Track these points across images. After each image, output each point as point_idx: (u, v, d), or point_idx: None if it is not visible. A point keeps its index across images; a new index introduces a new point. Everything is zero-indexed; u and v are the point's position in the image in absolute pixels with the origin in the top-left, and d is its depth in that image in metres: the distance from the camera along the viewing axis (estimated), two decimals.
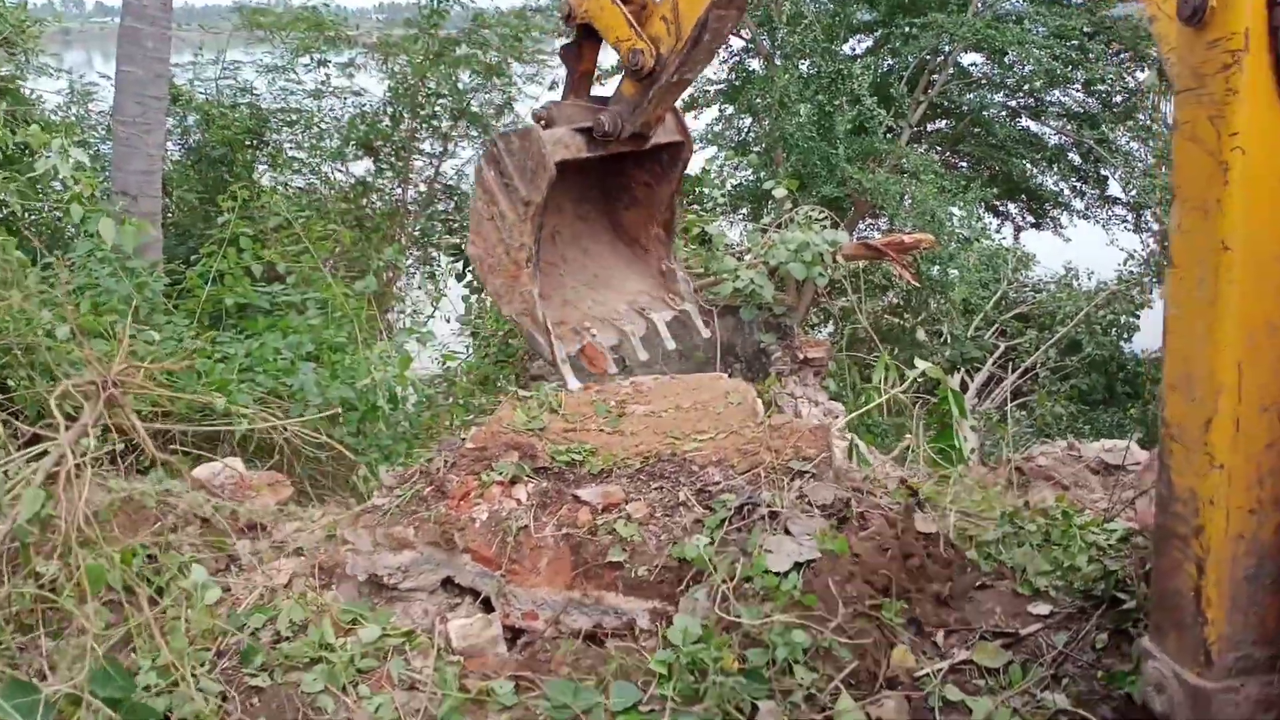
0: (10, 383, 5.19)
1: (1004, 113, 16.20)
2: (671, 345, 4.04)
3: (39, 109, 11.68)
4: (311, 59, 13.66)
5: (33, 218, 9.11)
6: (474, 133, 13.90)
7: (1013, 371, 14.24)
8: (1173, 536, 2.27)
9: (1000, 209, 17.45)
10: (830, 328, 14.78)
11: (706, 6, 3.49)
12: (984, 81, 16.29)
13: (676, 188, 4.25)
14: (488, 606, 3.52)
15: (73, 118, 12.57)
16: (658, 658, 3.00)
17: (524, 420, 4.19)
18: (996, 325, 14.79)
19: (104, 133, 12.06)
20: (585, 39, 3.97)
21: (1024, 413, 13.90)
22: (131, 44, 8.66)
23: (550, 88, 15.05)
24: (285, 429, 4.97)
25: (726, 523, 3.45)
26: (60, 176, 6.27)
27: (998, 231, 17.22)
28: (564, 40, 4.22)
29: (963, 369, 14.07)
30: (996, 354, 14.37)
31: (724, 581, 3.19)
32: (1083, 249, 16.97)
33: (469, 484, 3.73)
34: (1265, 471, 2.15)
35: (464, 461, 3.83)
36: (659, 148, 4.08)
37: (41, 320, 5.54)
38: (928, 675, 3.00)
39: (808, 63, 14.13)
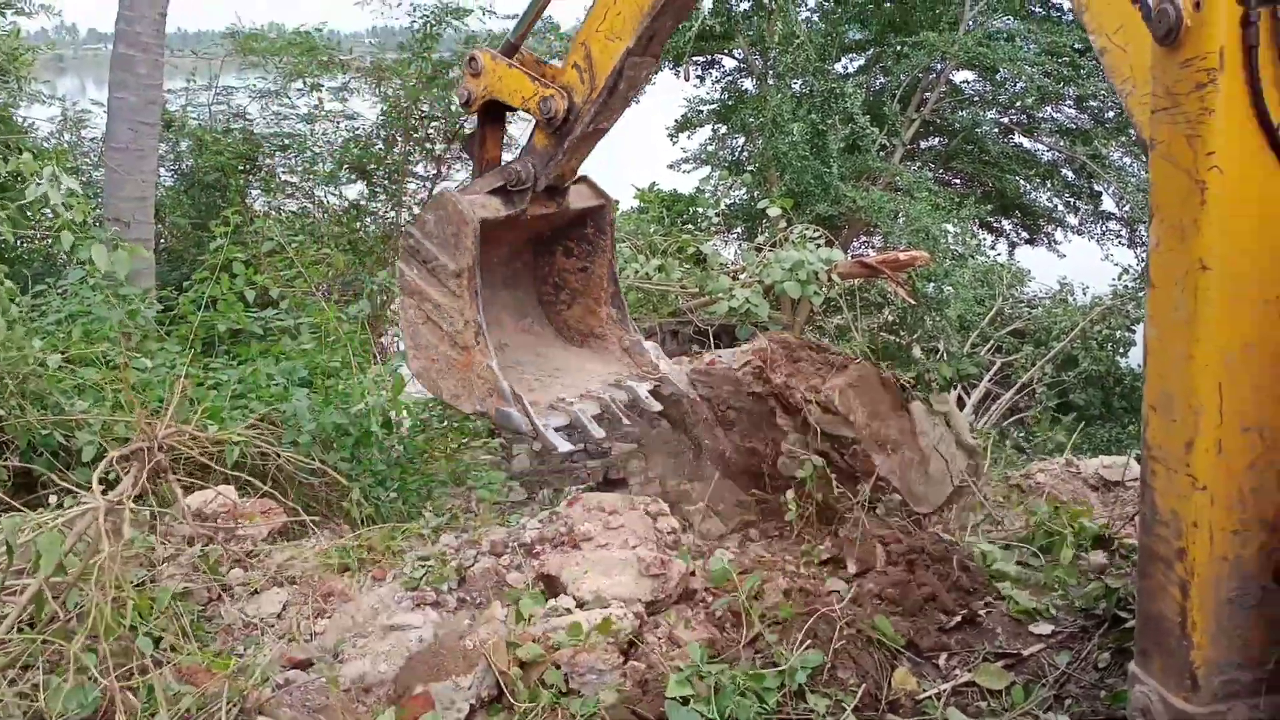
0: (1, 411, 5.17)
1: (996, 130, 16.28)
2: (656, 407, 3.87)
3: (31, 136, 11.71)
4: (304, 83, 13.71)
5: (24, 246, 9.11)
6: (466, 155, 13.91)
7: (1009, 388, 14.24)
8: (1156, 559, 2.25)
9: (994, 225, 17.51)
10: None
11: (621, 54, 3.36)
12: (976, 99, 16.37)
13: (611, 256, 4.01)
14: None
15: (65, 145, 12.60)
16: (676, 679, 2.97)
17: None
18: (992, 342, 14.79)
19: (96, 159, 12.08)
20: (489, 124, 3.83)
21: (1021, 432, 13.89)
22: (124, 70, 8.69)
23: None
24: (278, 455, 4.96)
25: None
26: (52, 204, 6.27)
27: (992, 248, 17.28)
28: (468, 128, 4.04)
29: (959, 386, 14.05)
30: (993, 370, 14.37)
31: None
32: (1077, 264, 17.00)
33: None
34: (1247, 492, 2.13)
35: None
36: (581, 218, 3.89)
37: (33, 349, 5.54)
38: (930, 698, 2.99)
39: (800, 82, 14.21)
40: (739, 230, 16.07)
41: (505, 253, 3.80)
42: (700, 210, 13.82)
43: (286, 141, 13.67)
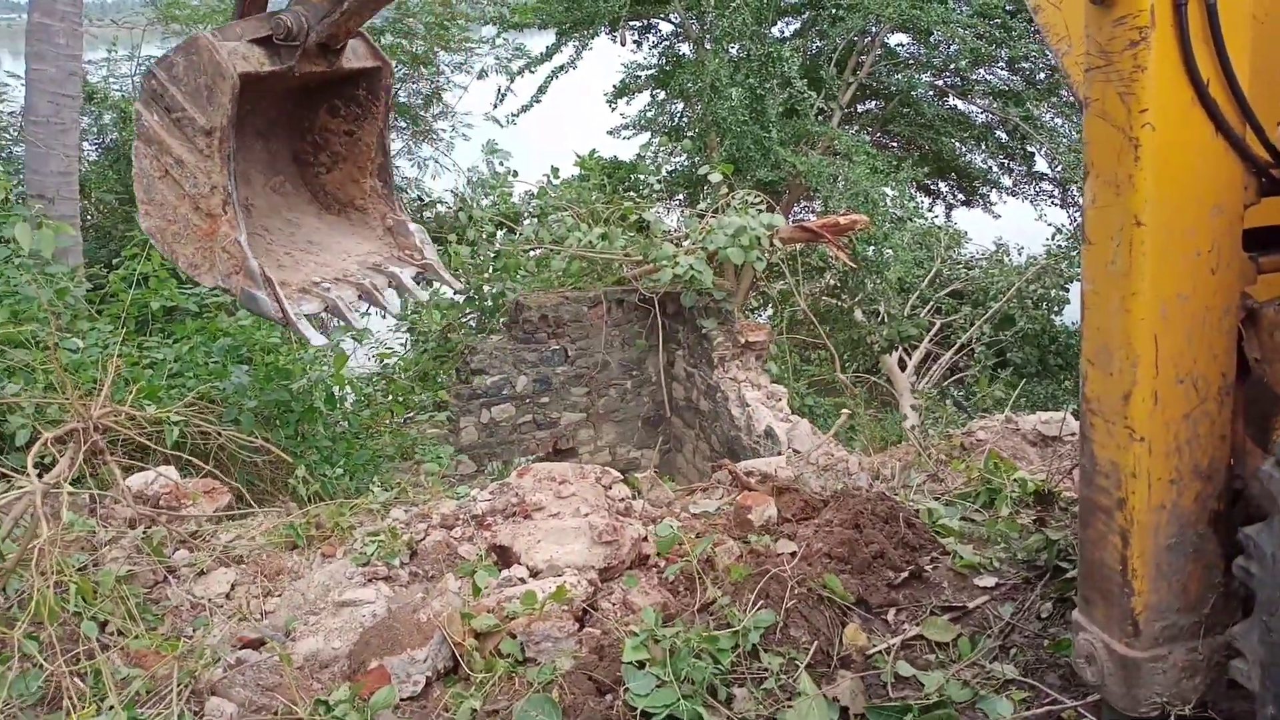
0: None
1: (931, 92, 16.40)
2: (423, 296, 3.70)
3: None
4: None
5: None
6: (402, 124, 13.68)
7: (949, 348, 14.50)
8: (1097, 509, 2.31)
9: (931, 188, 17.70)
10: (769, 311, 14.90)
11: None
12: (911, 62, 16.46)
13: (384, 124, 3.66)
14: None
15: None
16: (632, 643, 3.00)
17: None
18: (932, 303, 15.03)
19: (16, 134, 11.65)
20: None
21: (961, 391, 14.14)
22: (42, 41, 8.37)
23: (480, 77, 14.90)
24: (219, 434, 4.88)
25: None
26: None
27: (930, 210, 17.48)
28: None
29: (900, 347, 14.29)
30: (933, 332, 14.62)
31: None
32: (1012, 225, 17.30)
33: None
34: (1183, 441, 2.20)
35: None
36: (353, 79, 3.54)
37: None
38: (880, 653, 3.06)
39: (737, 46, 14.14)
40: (680, 197, 16.05)
41: (263, 102, 3.40)
42: (641, 177, 13.75)
43: None
